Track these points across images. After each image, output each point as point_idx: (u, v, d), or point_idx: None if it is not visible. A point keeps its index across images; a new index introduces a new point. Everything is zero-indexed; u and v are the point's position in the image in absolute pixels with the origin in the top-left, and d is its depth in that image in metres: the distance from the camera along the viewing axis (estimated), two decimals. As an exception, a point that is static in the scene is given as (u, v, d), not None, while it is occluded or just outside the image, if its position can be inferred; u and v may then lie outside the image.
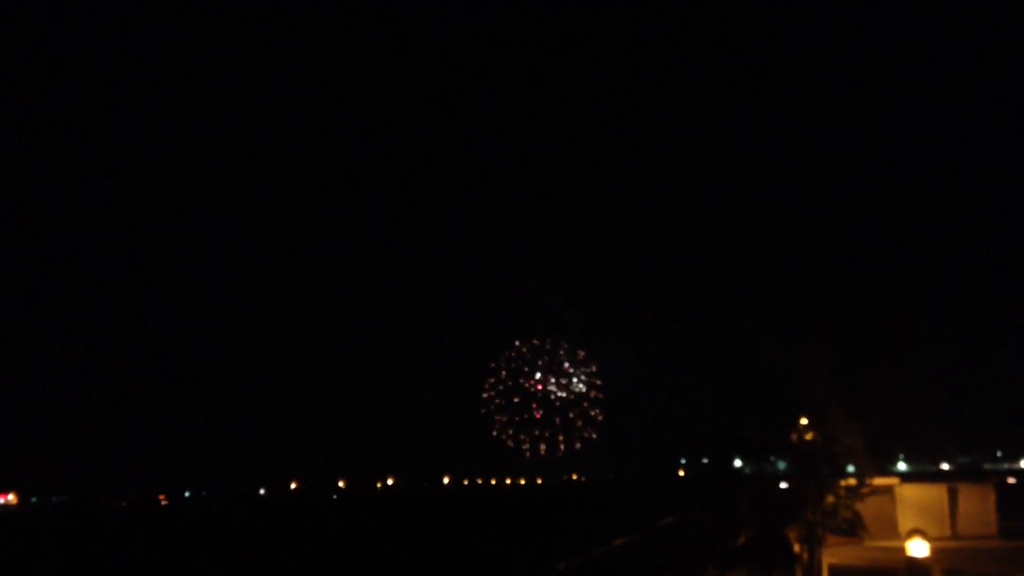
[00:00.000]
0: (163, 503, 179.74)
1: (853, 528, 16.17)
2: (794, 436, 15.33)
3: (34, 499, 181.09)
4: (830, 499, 14.46)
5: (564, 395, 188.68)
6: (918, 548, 10.75)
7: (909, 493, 25.35)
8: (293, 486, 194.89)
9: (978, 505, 25.29)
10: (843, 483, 14.89)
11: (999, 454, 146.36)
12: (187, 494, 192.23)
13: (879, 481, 18.61)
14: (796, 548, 17.29)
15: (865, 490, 14.66)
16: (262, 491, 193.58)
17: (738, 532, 22.50)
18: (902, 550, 11.73)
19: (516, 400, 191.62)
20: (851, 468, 16.24)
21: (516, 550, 38.37)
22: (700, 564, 13.54)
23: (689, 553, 14.68)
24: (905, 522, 24.75)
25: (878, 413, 15.44)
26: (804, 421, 15.73)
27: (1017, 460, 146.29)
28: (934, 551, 10.88)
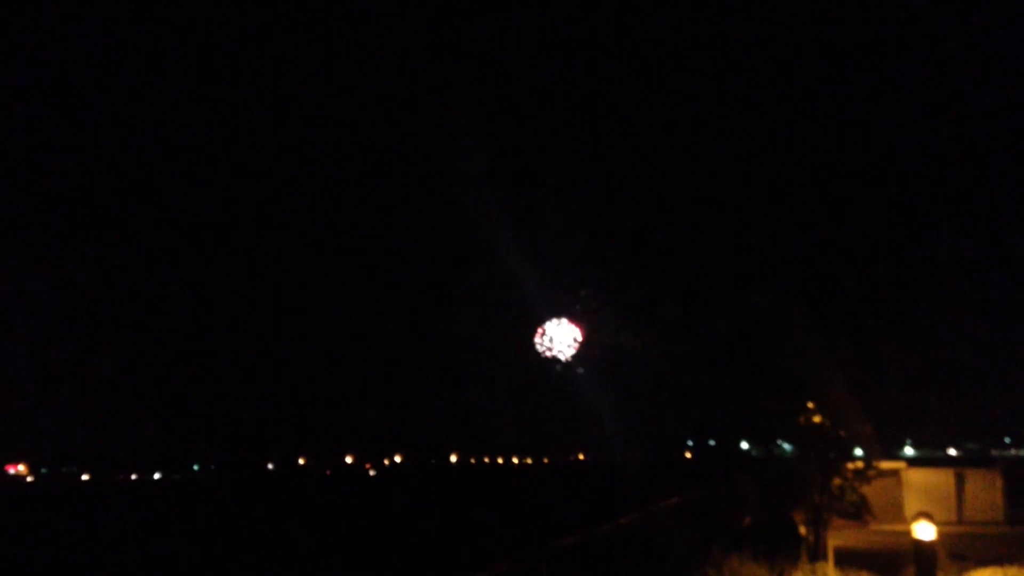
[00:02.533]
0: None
1: (859, 511, 16.15)
2: (801, 419, 15.28)
3: (43, 470, 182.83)
4: (837, 482, 14.42)
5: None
6: (924, 531, 10.70)
7: (915, 477, 25.31)
8: (301, 461, 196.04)
9: (985, 490, 25.23)
10: (850, 466, 14.85)
11: (1007, 440, 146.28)
12: (195, 467, 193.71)
13: (886, 465, 18.57)
14: (802, 531, 17.29)
15: (871, 473, 14.62)
16: (271, 466, 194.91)
17: (743, 514, 22.52)
18: (907, 533, 11.69)
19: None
20: (858, 452, 16.20)
21: (519, 527, 38.47)
22: (705, 545, 13.52)
23: (694, 533, 14.66)
24: (911, 506, 24.73)
25: (886, 398, 15.35)
26: (811, 405, 15.67)
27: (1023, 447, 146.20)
28: (940, 535, 10.84)
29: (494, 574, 6.06)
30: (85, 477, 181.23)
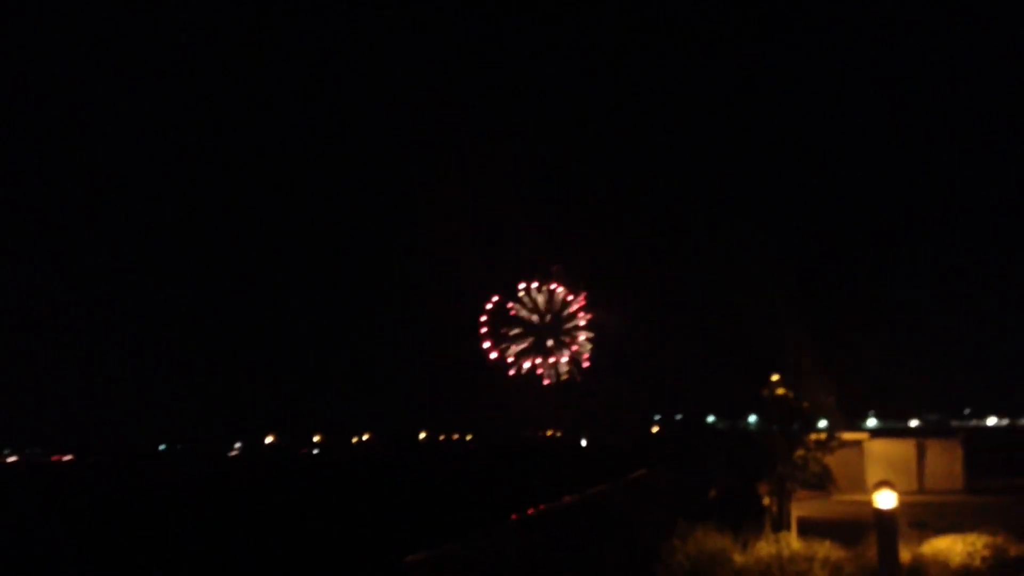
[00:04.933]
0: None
1: (822, 482, 16.34)
2: (765, 392, 15.42)
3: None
4: (800, 453, 14.58)
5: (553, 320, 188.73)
6: (885, 499, 10.83)
7: (877, 448, 25.71)
8: (269, 440, 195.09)
9: (945, 460, 25.70)
10: (813, 437, 15.02)
11: (967, 411, 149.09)
12: (161, 447, 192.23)
13: (848, 436, 18.84)
14: (766, 501, 17.50)
15: (834, 444, 14.79)
16: (238, 445, 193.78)
17: (709, 486, 22.79)
18: (869, 503, 11.84)
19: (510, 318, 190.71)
20: (822, 423, 16.39)
21: (485, 501, 38.63)
22: (671, 516, 13.65)
23: (660, 505, 14.80)
24: (873, 476, 25.08)
25: (851, 372, 15.54)
26: (776, 378, 15.81)
27: (984, 417, 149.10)
28: (901, 504, 10.99)
29: (467, 543, 6.07)
30: (69, 458, 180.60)
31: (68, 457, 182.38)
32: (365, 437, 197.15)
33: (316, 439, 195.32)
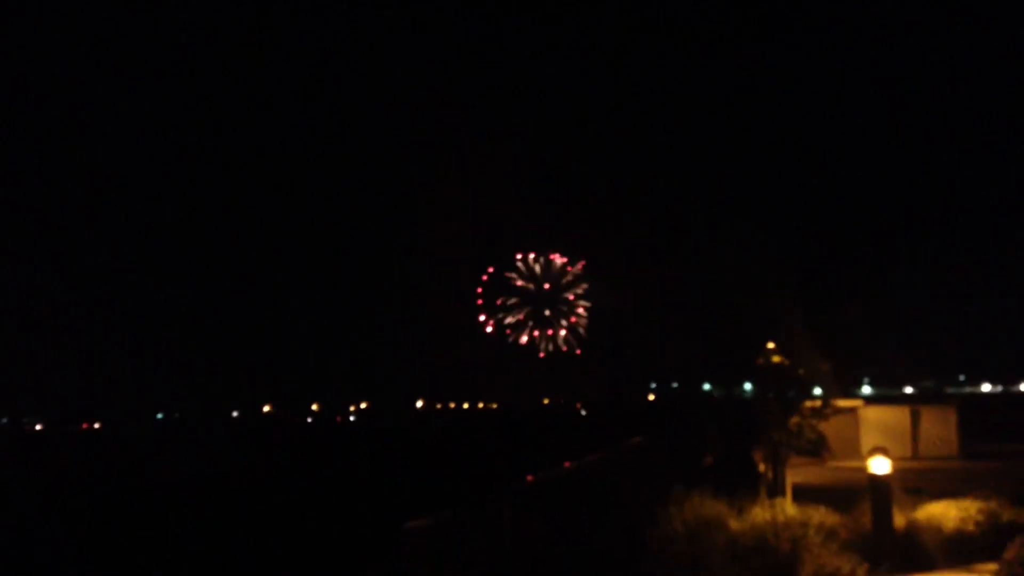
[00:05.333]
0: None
1: (817, 449, 16.44)
2: (760, 360, 15.48)
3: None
4: (795, 420, 14.66)
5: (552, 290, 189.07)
6: (880, 465, 10.93)
7: (872, 415, 25.85)
8: (266, 409, 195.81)
9: (940, 426, 25.86)
10: (808, 405, 15.09)
11: (961, 378, 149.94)
12: (159, 416, 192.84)
13: (843, 403, 18.92)
14: (761, 468, 17.61)
15: (829, 411, 14.87)
16: (235, 414, 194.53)
17: (705, 454, 22.92)
18: (864, 469, 11.93)
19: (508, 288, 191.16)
20: (817, 391, 16.46)
21: (485, 468, 38.85)
22: (668, 483, 13.73)
23: (657, 473, 14.89)
24: (868, 443, 25.25)
25: (845, 339, 15.57)
26: (771, 346, 15.85)
27: (978, 384, 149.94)
28: (895, 470, 11.08)
29: (460, 513, 6.10)
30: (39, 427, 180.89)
31: (97, 425, 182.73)
32: (363, 406, 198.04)
33: (314, 408, 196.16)
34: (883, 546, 10.26)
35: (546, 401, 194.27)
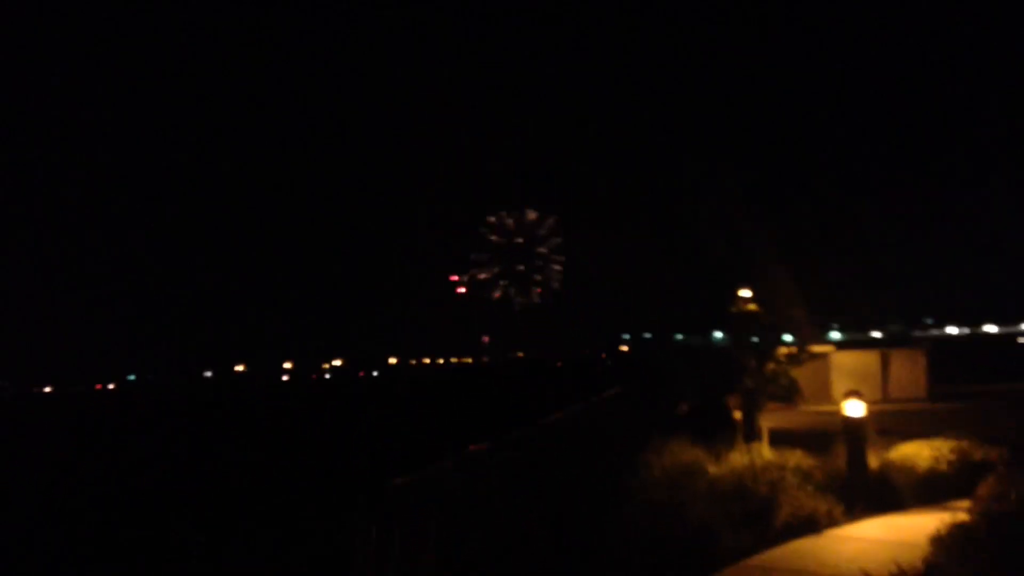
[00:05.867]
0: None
1: (789, 394, 16.66)
2: (733, 308, 15.58)
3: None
4: (770, 366, 14.83)
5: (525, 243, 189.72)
6: (854, 408, 11.10)
7: (843, 359, 26.17)
8: (240, 368, 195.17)
9: (909, 370, 26.28)
10: (782, 351, 15.26)
11: (929, 321, 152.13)
12: (131, 377, 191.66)
13: (815, 348, 19.14)
14: (736, 415, 17.85)
15: (804, 356, 15.06)
16: (208, 374, 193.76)
17: (680, 402, 23.17)
18: (837, 413, 12.10)
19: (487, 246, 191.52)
20: (788, 337, 16.64)
21: (464, 424, 39.01)
22: (646, 431, 13.90)
23: (635, 421, 15.05)
24: (839, 387, 25.61)
25: (814, 284, 15.68)
26: (744, 293, 15.95)
27: (945, 327, 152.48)
28: (868, 412, 11.26)
29: (446, 466, 6.14)
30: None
31: (112, 386, 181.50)
32: (337, 363, 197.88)
33: (287, 366, 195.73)
34: (858, 487, 10.45)
35: (520, 354, 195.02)
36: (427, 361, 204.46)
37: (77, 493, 29.25)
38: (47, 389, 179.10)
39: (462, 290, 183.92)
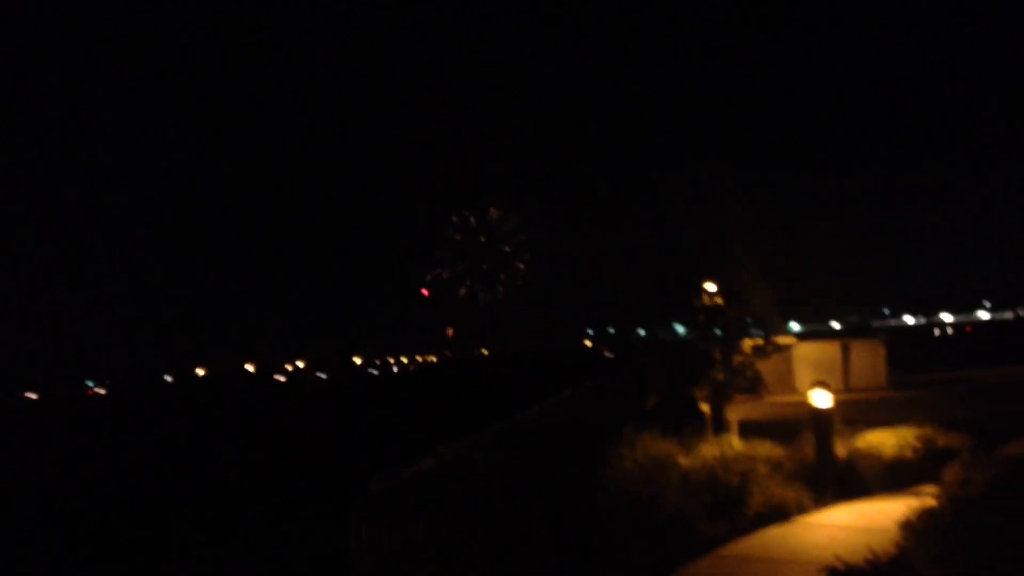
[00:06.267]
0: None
1: (754, 386, 16.94)
2: (703, 300, 15.77)
3: None
4: (738, 359, 15.06)
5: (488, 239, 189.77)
6: (821, 398, 11.33)
7: (805, 351, 26.55)
8: (200, 372, 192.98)
9: (869, 359, 26.72)
10: (749, 343, 15.50)
11: (886, 312, 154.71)
12: (89, 383, 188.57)
13: (780, 340, 19.42)
14: (703, 407, 18.07)
15: (771, 348, 15.31)
16: (168, 378, 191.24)
17: (647, 396, 23.36)
18: (801, 404, 12.35)
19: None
20: (753, 329, 16.90)
21: (445, 419, 38.95)
22: (616, 424, 14.04)
23: (605, 415, 15.20)
24: (801, 378, 26.01)
25: (777, 275, 15.92)
26: (709, 286, 16.16)
27: (900, 317, 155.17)
28: (833, 403, 11.51)
29: (435, 460, 6.20)
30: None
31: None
32: (300, 364, 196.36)
33: (249, 368, 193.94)
34: (827, 475, 10.68)
35: (484, 351, 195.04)
36: (391, 360, 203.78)
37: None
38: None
39: (425, 289, 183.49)
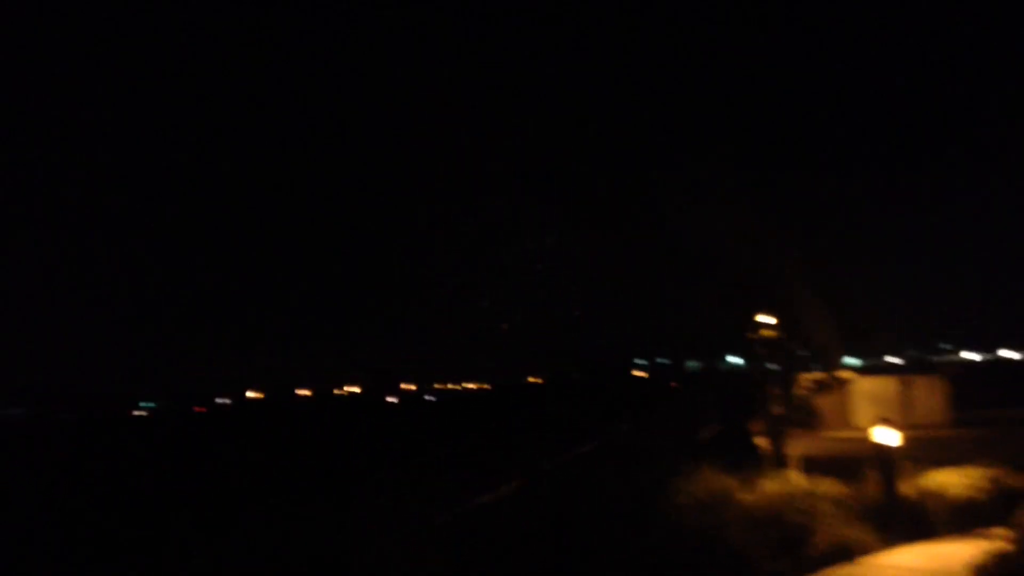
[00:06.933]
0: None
1: (810, 420, 16.71)
2: (752, 335, 15.61)
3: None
4: (799, 392, 14.88)
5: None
6: (887, 436, 11.13)
7: (864, 385, 26.14)
8: (251, 395, 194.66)
9: (929, 396, 26.24)
10: (809, 377, 15.31)
11: (945, 346, 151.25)
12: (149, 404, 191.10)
13: (841, 375, 19.18)
14: (759, 441, 17.85)
15: (833, 383, 15.09)
16: (219, 400, 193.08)
17: (701, 428, 23.17)
18: (859, 440, 12.13)
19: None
20: (811, 363, 16.68)
21: (523, 443, 38.43)
22: (671, 458, 13.95)
23: (661, 447, 15.11)
24: (859, 413, 25.61)
25: (836, 309, 15.72)
26: (766, 319, 15.99)
27: (961, 352, 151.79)
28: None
29: (510, 487, 6.24)
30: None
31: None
32: (307, 393, 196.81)
33: (305, 392, 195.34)
34: (892, 514, 10.47)
35: (531, 379, 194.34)
36: (448, 386, 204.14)
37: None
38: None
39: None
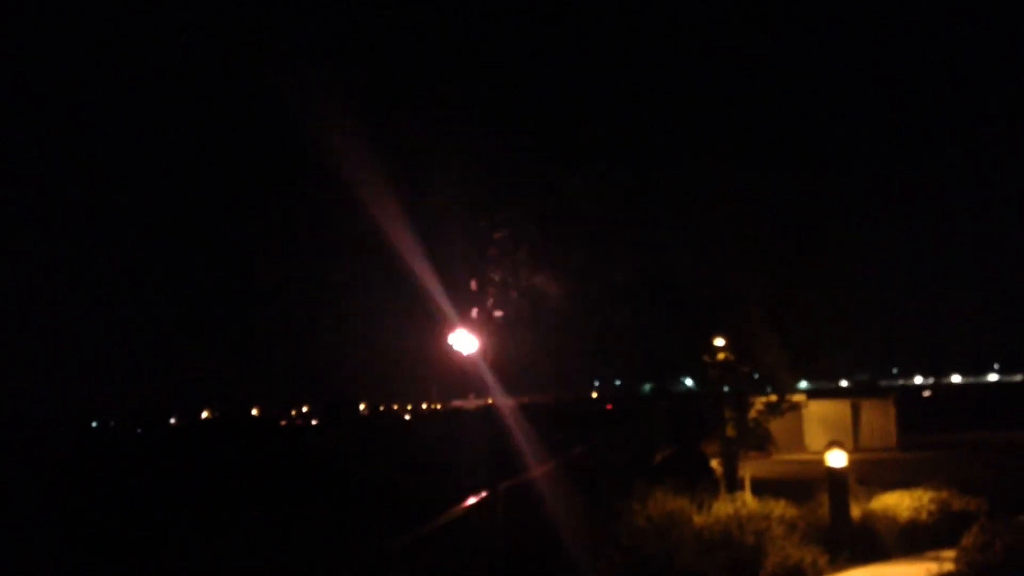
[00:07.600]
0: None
1: (763, 443, 16.83)
2: (720, 356, 15.66)
3: None
4: (752, 415, 14.97)
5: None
6: (837, 458, 11.28)
7: (815, 409, 26.50)
8: (205, 415, 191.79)
9: (879, 419, 26.68)
10: (762, 400, 15.42)
11: (895, 371, 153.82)
12: (94, 424, 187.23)
13: (794, 398, 19.36)
14: (713, 464, 17.94)
15: (785, 406, 15.22)
16: (172, 420, 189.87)
17: (655, 450, 23.24)
18: (811, 462, 12.27)
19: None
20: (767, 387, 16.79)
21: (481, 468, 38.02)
22: (627, 478, 13.97)
23: (615, 470, 15.13)
24: (811, 436, 25.96)
25: (788, 331, 15.82)
26: (719, 341, 16.09)
27: (911, 377, 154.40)
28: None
29: (459, 512, 6.20)
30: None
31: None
32: (304, 409, 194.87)
33: (254, 412, 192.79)
34: (842, 536, 10.58)
35: (489, 400, 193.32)
36: (395, 407, 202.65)
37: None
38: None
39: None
